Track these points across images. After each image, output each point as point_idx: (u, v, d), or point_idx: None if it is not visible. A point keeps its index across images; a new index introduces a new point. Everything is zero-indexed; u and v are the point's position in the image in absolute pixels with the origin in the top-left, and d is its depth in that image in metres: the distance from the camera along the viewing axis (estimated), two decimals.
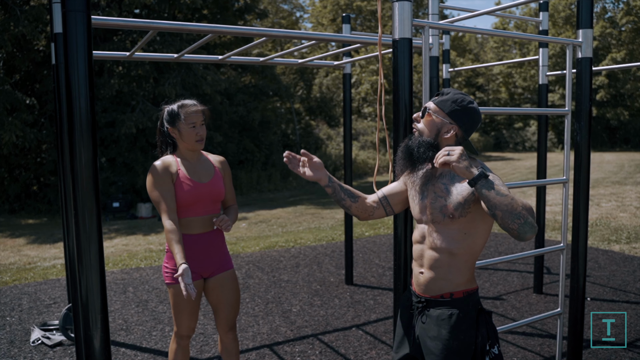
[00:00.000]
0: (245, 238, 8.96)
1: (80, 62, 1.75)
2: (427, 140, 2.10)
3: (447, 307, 2.09)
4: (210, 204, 2.89)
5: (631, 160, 23.29)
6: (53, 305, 5.24)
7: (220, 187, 2.94)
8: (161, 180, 2.77)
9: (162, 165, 2.81)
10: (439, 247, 2.09)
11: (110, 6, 14.30)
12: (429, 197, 2.12)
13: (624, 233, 8.03)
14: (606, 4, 35.07)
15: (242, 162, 18.28)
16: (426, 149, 2.08)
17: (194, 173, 2.87)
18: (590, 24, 2.93)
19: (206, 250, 2.90)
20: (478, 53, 40.98)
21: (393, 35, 2.36)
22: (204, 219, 2.88)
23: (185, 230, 2.85)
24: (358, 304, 5.11)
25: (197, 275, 2.90)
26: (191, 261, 2.85)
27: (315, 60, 5.47)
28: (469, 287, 2.12)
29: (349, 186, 2.35)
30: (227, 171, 3.07)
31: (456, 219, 2.04)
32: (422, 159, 2.09)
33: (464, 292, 2.10)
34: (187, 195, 2.80)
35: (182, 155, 2.91)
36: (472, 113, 2.10)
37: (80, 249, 1.81)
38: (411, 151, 2.11)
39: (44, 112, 14.34)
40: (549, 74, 5.16)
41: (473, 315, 2.09)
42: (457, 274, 2.09)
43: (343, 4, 29.36)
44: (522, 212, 1.81)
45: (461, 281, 2.10)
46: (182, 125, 2.82)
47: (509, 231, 1.84)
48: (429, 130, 2.11)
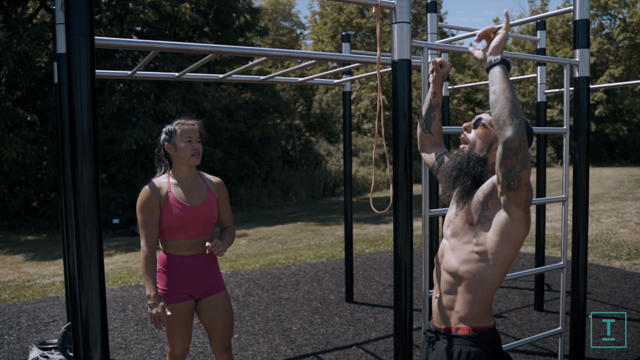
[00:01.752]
0: (245, 255, 8.95)
1: (83, 84, 1.77)
2: (478, 154, 1.98)
3: (451, 343, 1.94)
4: (201, 227, 2.90)
5: (631, 175, 23.32)
6: (52, 324, 5.22)
7: (212, 209, 2.94)
8: (148, 205, 2.81)
9: (152, 189, 2.84)
10: (450, 267, 1.97)
11: (112, 24, 14.42)
12: (459, 207, 2.01)
13: (624, 249, 8.01)
14: (603, 21, 35.33)
15: (242, 178, 18.30)
16: (475, 163, 1.97)
17: (185, 195, 2.88)
18: (587, 43, 2.96)
19: (197, 272, 2.90)
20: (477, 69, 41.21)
21: (392, 56, 2.38)
22: (195, 242, 2.89)
23: (176, 251, 2.87)
24: (358, 322, 5.09)
25: (188, 296, 2.90)
26: (182, 282, 2.86)
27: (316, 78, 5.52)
28: (480, 324, 1.92)
29: (436, 119, 2.31)
30: (223, 193, 3.07)
31: (474, 227, 1.91)
32: (470, 174, 1.96)
33: (471, 329, 1.91)
34: (177, 218, 2.82)
35: (177, 175, 2.93)
36: (526, 128, 1.96)
37: (81, 268, 1.82)
38: (460, 166, 2.00)
39: (45, 129, 14.39)
40: (547, 92, 5.19)
41: (479, 357, 1.89)
42: (465, 305, 1.93)
43: (343, 21, 29.58)
44: (521, 116, 1.72)
45: (469, 315, 1.92)
46: (178, 140, 2.86)
47: (500, 127, 1.73)
48: (481, 142, 1.99)
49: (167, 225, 2.83)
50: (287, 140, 23.04)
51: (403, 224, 2.41)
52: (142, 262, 2.79)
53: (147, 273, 2.76)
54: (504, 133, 1.71)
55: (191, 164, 2.91)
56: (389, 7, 2.36)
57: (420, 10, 27.38)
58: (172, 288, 2.87)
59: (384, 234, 10.52)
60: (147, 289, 2.74)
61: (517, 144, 1.70)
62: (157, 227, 2.83)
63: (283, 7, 34.80)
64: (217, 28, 17.50)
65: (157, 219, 2.83)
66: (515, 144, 1.70)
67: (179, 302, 2.87)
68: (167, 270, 2.89)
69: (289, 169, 20.98)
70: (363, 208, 15.20)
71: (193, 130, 2.90)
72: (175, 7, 14.62)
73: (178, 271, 2.86)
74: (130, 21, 14.20)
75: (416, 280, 6.25)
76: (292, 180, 19.39)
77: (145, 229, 2.81)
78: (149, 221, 2.81)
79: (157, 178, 2.94)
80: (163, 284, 2.87)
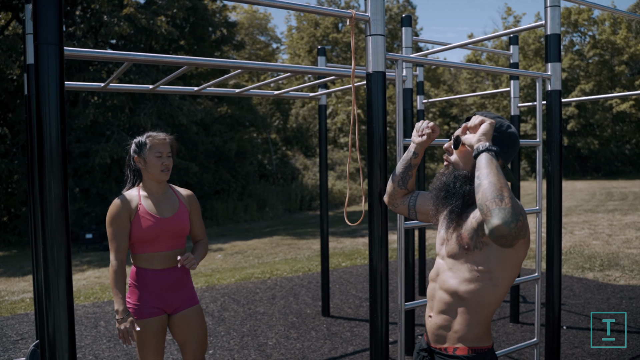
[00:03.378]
0: (221, 269, 8.85)
1: (52, 95, 1.73)
2: (463, 173, 1.91)
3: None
4: (173, 239, 2.86)
5: (602, 188, 23.77)
6: (20, 342, 5.08)
7: (184, 222, 2.90)
8: (118, 219, 2.77)
9: (121, 202, 2.79)
10: (448, 287, 1.90)
11: (87, 36, 14.29)
12: (451, 227, 1.93)
13: (597, 260, 8.13)
14: (574, 38, 36.22)
15: (218, 192, 18.17)
16: (462, 183, 1.90)
17: (156, 207, 2.84)
18: (559, 57, 3.01)
19: (170, 286, 2.85)
20: (452, 84, 41.75)
21: (367, 68, 2.39)
22: (167, 255, 2.84)
23: (148, 265, 2.82)
24: (335, 336, 5.05)
25: (160, 310, 2.85)
26: (154, 296, 2.81)
27: (291, 92, 5.52)
28: (478, 344, 1.87)
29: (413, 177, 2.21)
30: (195, 205, 3.03)
31: (471, 251, 1.84)
32: (458, 194, 1.89)
33: (470, 349, 1.86)
34: (148, 230, 2.77)
35: (146, 188, 2.88)
36: (510, 138, 1.93)
37: (48, 283, 1.76)
38: (447, 187, 1.93)
39: (16, 142, 14.13)
40: (520, 105, 5.27)
41: None
42: (464, 326, 1.86)
43: (319, 35, 29.78)
44: (507, 199, 1.59)
45: (468, 335, 1.87)
46: (148, 154, 2.82)
47: (484, 213, 1.62)
48: (463, 163, 1.93)
49: (138, 238, 2.78)
50: (264, 154, 22.98)
51: (378, 237, 2.40)
52: (111, 276, 2.73)
53: (115, 287, 2.70)
54: (488, 219, 1.60)
55: (160, 180, 2.87)
56: (364, 19, 2.36)
57: (396, 26, 27.69)
58: (143, 302, 2.81)
59: (361, 247, 10.51)
60: (116, 303, 2.68)
61: (506, 232, 1.57)
62: (126, 241, 2.78)
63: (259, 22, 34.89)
64: (193, 42, 17.45)
65: (127, 233, 2.78)
66: (504, 232, 1.57)
67: (151, 316, 2.81)
68: (138, 285, 2.83)
69: (265, 182, 20.91)
70: (339, 222, 15.20)
71: (164, 145, 2.86)
72: (150, 20, 14.55)
73: (150, 285, 2.81)
74: (105, 34, 14.09)
75: (392, 294, 6.24)
76: (268, 194, 19.32)
77: (114, 243, 2.76)
78: (119, 234, 2.76)
79: (127, 191, 2.89)
80: (135, 299, 2.81)
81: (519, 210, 1.60)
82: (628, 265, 7.76)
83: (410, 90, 4.21)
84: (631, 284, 6.68)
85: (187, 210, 2.95)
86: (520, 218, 1.59)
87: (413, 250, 4.75)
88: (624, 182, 27.70)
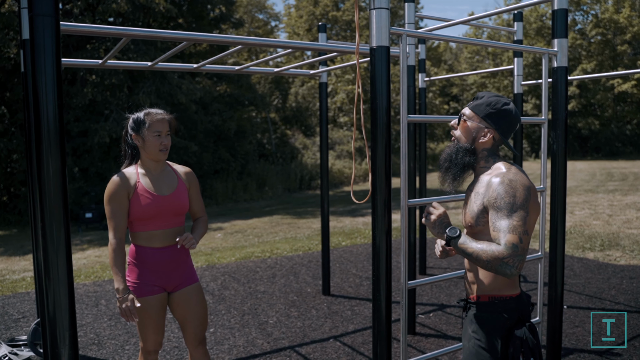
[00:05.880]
0: (221, 249, 8.85)
1: (48, 69, 1.68)
2: (464, 146, 2.14)
3: (474, 310, 2.14)
4: (172, 217, 2.82)
5: (602, 168, 23.73)
6: (22, 320, 5.09)
7: (183, 199, 2.86)
8: (116, 197, 2.72)
9: (120, 179, 2.74)
10: None
11: (84, 14, 14.12)
12: (465, 203, 2.20)
13: (597, 240, 8.13)
14: (576, 16, 35.82)
15: (217, 171, 18.14)
16: (463, 154, 2.13)
17: (155, 185, 2.79)
18: (565, 33, 2.95)
19: (169, 264, 2.82)
20: (452, 64, 41.48)
21: (370, 43, 2.33)
22: (166, 232, 2.80)
23: (148, 243, 2.78)
24: (335, 315, 5.05)
25: (160, 288, 2.83)
26: (154, 274, 2.79)
27: (292, 69, 5.45)
28: (498, 293, 2.09)
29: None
30: (194, 182, 2.98)
31: (474, 228, 2.07)
32: (460, 164, 2.13)
33: (490, 297, 2.10)
34: (147, 208, 2.73)
35: (144, 166, 2.83)
36: (507, 115, 2.10)
37: (48, 262, 1.74)
38: (450, 158, 2.16)
39: (15, 121, 14.06)
40: (524, 83, 5.20)
41: (500, 322, 2.07)
42: (485, 278, 2.10)
43: (319, 13, 29.46)
44: (491, 259, 1.87)
45: (489, 286, 2.10)
46: (147, 133, 2.75)
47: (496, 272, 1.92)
48: (465, 137, 2.15)
49: (137, 216, 2.74)
50: (263, 134, 22.91)
51: (382, 215, 2.37)
52: (110, 254, 2.70)
53: (115, 266, 2.67)
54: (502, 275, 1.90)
55: (158, 159, 2.81)
56: None
57: (397, 4, 27.38)
58: (143, 281, 2.78)
59: (361, 227, 10.51)
60: (116, 282, 2.65)
61: (516, 272, 1.88)
62: (125, 219, 2.74)
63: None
64: (191, 19, 17.26)
65: (125, 211, 2.74)
66: (515, 273, 1.88)
67: (151, 294, 2.78)
68: (138, 263, 2.80)
69: (264, 162, 20.86)
70: (339, 201, 15.19)
71: (163, 123, 2.78)
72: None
73: (149, 263, 2.78)
74: (103, 11, 13.92)
75: (393, 272, 6.24)
76: (268, 174, 19.29)
77: (113, 221, 2.72)
78: (117, 213, 2.72)
79: (125, 168, 2.84)
80: (134, 277, 2.79)
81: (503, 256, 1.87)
82: (628, 245, 7.76)
83: (412, 68, 4.15)
84: (631, 264, 6.68)
85: (185, 187, 2.91)
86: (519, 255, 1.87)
87: (415, 229, 4.73)
88: (624, 162, 27.65)
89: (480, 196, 2.04)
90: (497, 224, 1.92)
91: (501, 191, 1.94)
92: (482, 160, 2.14)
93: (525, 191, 1.95)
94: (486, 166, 2.12)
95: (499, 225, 1.92)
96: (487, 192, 2.00)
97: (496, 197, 1.95)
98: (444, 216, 2.07)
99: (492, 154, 2.13)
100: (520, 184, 1.96)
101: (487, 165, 2.12)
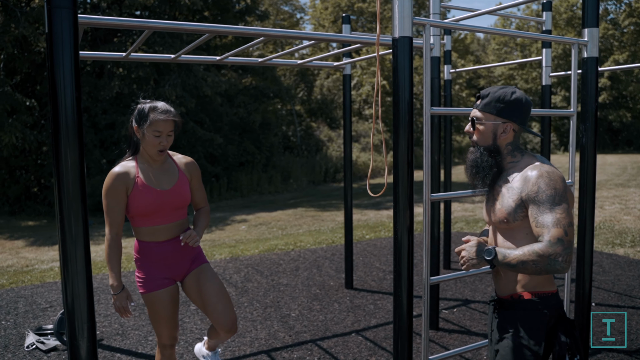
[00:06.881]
0: (245, 241, 8.89)
1: (65, 60, 1.68)
2: (487, 147, 2.11)
3: (514, 309, 2.07)
4: (174, 211, 2.76)
5: (634, 162, 23.20)
6: (49, 309, 5.17)
7: (184, 192, 2.79)
8: (114, 192, 2.64)
9: (118, 174, 2.65)
10: (508, 247, 2.06)
11: (111, 8, 14.27)
12: (491, 199, 2.14)
13: (628, 236, 7.94)
14: (608, 6, 34.94)
15: (242, 164, 18.22)
16: (489, 155, 2.10)
17: (155, 179, 2.71)
18: (596, 22, 2.85)
19: (176, 255, 2.79)
20: (480, 55, 40.90)
21: (393, 33, 2.28)
22: (169, 227, 2.75)
23: (151, 238, 2.74)
24: (358, 309, 5.03)
25: (170, 280, 2.80)
26: (162, 267, 2.76)
27: (315, 61, 5.40)
28: (540, 289, 2.05)
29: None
30: (195, 173, 2.90)
31: (512, 223, 2.02)
32: (487, 166, 2.10)
33: (533, 294, 2.05)
34: (147, 204, 2.66)
35: (144, 158, 2.75)
36: (519, 103, 2.07)
37: (66, 253, 1.74)
38: (476, 163, 2.13)
39: (44, 114, 14.31)
40: (552, 75, 5.08)
41: (544, 319, 2.02)
42: (525, 275, 2.05)
43: (344, 5, 29.31)
44: (538, 260, 1.85)
45: (530, 282, 2.06)
46: (147, 130, 2.66)
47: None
48: (485, 138, 2.12)
49: (138, 212, 2.68)
50: (288, 126, 22.93)
51: (403, 209, 2.33)
52: (106, 250, 2.65)
53: (110, 262, 2.64)
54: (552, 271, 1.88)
55: (154, 159, 2.73)
56: None
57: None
58: (151, 276, 2.76)
59: (385, 220, 10.45)
60: (110, 278, 2.63)
61: (567, 266, 1.87)
62: (122, 215, 2.68)
63: None
64: (217, 12, 17.32)
65: (123, 206, 2.66)
66: (566, 267, 1.87)
67: (160, 288, 2.76)
68: (144, 258, 2.76)
69: (289, 154, 20.89)
70: (364, 194, 15.13)
71: (166, 124, 2.66)
72: None
73: (156, 258, 2.74)
74: (129, 5, 14.06)
75: (416, 267, 6.18)
76: (292, 166, 19.31)
77: (110, 216, 2.65)
78: (114, 208, 2.64)
79: (124, 161, 2.75)
80: (142, 273, 2.75)
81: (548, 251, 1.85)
82: None
83: (437, 59, 4.07)
84: None
85: (187, 179, 2.84)
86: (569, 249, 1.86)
87: (439, 223, 4.67)
88: None
89: (517, 191, 2.00)
90: (539, 219, 1.90)
91: (542, 184, 1.92)
92: (509, 155, 2.11)
93: (563, 182, 1.94)
94: (514, 161, 2.11)
95: (542, 220, 1.89)
96: (526, 187, 1.97)
97: (537, 191, 1.92)
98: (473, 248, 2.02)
99: (517, 148, 2.12)
100: (557, 176, 1.95)
101: (515, 160, 2.11)
